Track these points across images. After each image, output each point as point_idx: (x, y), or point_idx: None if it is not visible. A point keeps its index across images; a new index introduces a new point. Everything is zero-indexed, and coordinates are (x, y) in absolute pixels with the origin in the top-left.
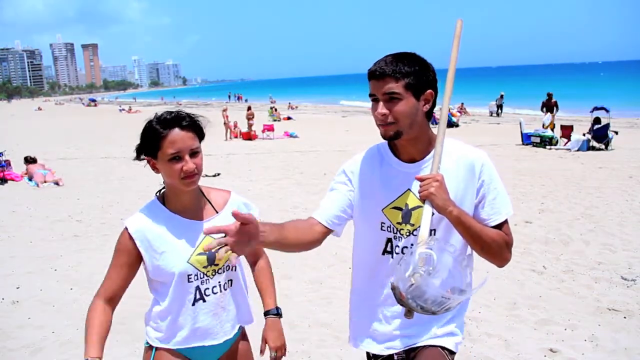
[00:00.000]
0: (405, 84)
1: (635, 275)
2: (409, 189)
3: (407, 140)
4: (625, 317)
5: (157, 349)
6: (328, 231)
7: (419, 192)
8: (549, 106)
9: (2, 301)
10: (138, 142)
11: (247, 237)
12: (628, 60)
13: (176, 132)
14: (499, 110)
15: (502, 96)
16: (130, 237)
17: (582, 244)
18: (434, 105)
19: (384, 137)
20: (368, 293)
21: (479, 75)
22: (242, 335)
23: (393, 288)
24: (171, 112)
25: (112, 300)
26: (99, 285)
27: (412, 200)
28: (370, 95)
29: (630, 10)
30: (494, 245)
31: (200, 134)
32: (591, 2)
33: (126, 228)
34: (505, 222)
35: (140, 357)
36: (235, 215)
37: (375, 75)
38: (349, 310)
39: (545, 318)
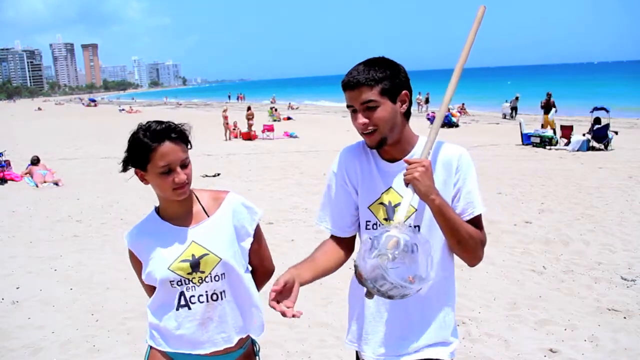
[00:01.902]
0: (380, 89)
1: (635, 275)
2: (391, 187)
3: (389, 145)
4: (625, 317)
5: (151, 348)
6: (352, 238)
7: (404, 175)
8: (548, 106)
9: (2, 301)
10: (125, 152)
11: (289, 292)
12: (625, 61)
13: (167, 145)
14: (513, 113)
15: (517, 98)
16: (130, 250)
17: (582, 244)
18: (410, 104)
19: (370, 147)
20: (358, 294)
21: (476, 76)
22: (246, 354)
23: (355, 267)
24: (160, 123)
25: None
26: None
27: (395, 198)
28: (348, 106)
29: (626, 11)
30: (471, 242)
31: (188, 144)
32: (587, 4)
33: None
34: (480, 221)
35: (140, 357)
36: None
37: (350, 85)
38: (349, 312)
39: (545, 318)
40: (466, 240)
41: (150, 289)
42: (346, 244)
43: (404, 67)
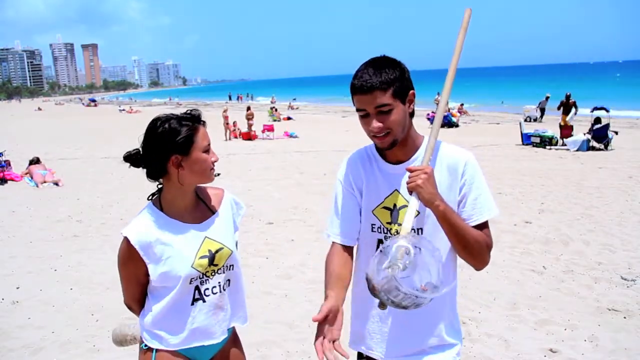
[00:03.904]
0: (392, 92)
1: (635, 275)
2: (396, 190)
3: (397, 146)
4: (625, 317)
5: (157, 350)
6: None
7: (407, 183)
8: (568, 106)
9: (2, 301)
10: (154, 146)
11: (332, 320)
12: (621, 61)
13: (202, 127)
14: (541, 116)
15: (547, 98)
16: (133, 248)
17: (582, 244)
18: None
19: (382, 149)
20: (363, 296)
21: (472, 76)
22: (233, 335)
23: (367, 280)
24: (189, 112)
25: (141, 301)
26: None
27: (400, 201)
28: (359, 110)
29: (622, 11)
30: (476, 246)
31: None
32: (582, 3)
33: (126, 239)
34: (487, 225)
35: None
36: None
37: (363, 90)
38: (351, 314)
39: (545, 318)
40: (472, 245)
41: (140, 293)
42: (350, 251)
43: (406, 65)
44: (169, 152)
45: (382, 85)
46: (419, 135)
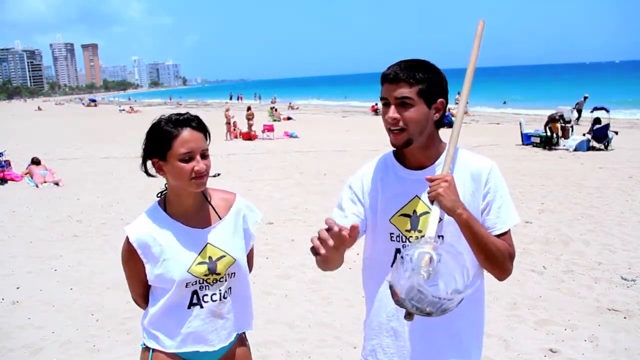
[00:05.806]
0: (418, 90)
1: (635, 275)
2: (416, 196)
3: (416, 148)
4: (625, 317)
5: (154, 350)
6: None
7: (428, 193)
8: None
9: (2, 301)
10: (143, 144)
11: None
12: (618, 62)
13: (188, 132)
14: (577, 117)
15: (585, 99)
16: (132, 246)
17: (582, 244)
18: (444, 114)
19: (394, 145)
20: (379, 309)
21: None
22: (240, 340)
23: (390, 287)
24: (181, 114)
25: (146, 297)
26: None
27: (420, 207)
28: (382, 98)
29: (619, 11)
30: (499, 255)
31: (207, 136)
32: (578, 3)
33: (127, 237)
34: (509, 233)
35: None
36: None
37: (389, 78)
38: (364, 327)
39: (545, 318)
40: (494, 253)
41: (144, 288)
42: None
43: (445, 75)
44: (149, 153)
45: (409, 79)
46: (443, 142)
